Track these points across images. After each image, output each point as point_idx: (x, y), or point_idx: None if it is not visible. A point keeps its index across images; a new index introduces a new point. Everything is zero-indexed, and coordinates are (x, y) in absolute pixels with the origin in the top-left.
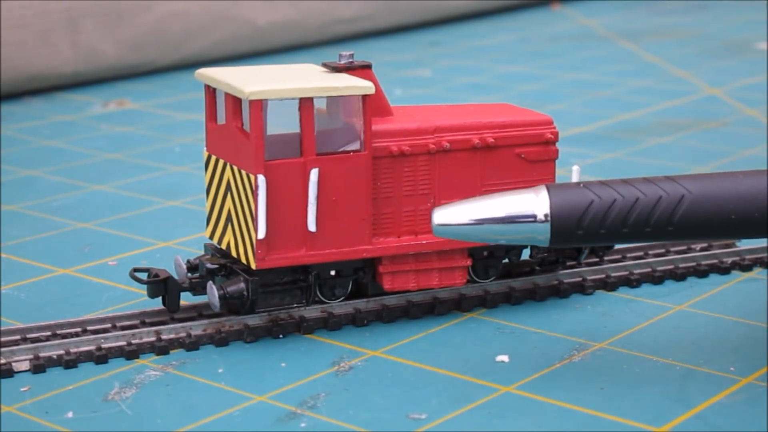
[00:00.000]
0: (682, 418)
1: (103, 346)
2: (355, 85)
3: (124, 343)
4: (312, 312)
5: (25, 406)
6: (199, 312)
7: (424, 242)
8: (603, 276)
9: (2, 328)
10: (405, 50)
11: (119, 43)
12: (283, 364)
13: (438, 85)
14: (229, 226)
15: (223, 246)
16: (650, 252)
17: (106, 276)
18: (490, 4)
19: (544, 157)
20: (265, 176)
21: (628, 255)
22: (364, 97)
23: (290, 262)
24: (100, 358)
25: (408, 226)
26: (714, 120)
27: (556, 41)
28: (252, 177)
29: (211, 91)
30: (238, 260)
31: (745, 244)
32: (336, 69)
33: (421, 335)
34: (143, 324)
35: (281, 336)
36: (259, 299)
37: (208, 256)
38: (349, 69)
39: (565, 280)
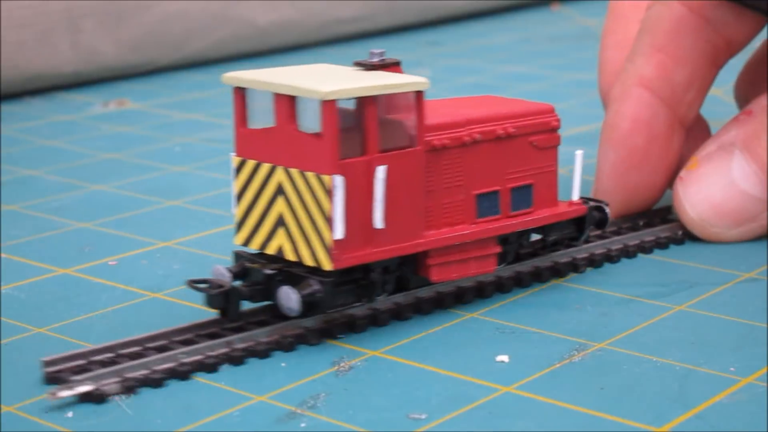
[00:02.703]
0: (682, 418)
1: (185, 361)
2: (413, 81)
3: (201, 356)
4: (355, 310)
5: (24, 406)
6: (232, 319)
7: (467, 232)
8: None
9: (66, 354)
10: (405, 50)
11: (119, 43)
12: (283, 364)
13: (438, 85)
14: (280, 230)
15: (272, 251)
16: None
17: (106, 276)
18: (490, 4)
19: (551, 144)
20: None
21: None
22: (417, 92)
23: (359, 261)
24: (183, 374)
25: (446, 217)
26: (714, 120)
27: (556, 41)
28: (326, 178)
29: (241, 95)
30: (293, 263)
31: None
32: (372, 67)
33: (421, 335)
34: (199, 337)
35: (340, 336)
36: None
37: (261, 263)
38: (383, 66)
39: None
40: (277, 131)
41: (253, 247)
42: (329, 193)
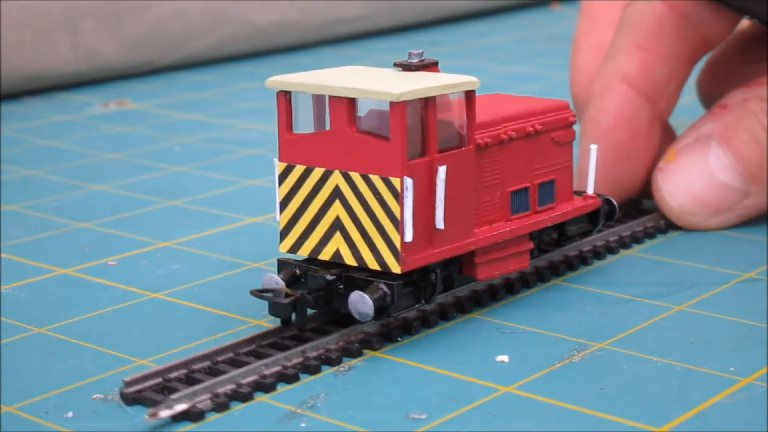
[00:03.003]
0: (682, 418)
1: (266, 373)
2: (467, 80)
3: (280, 367)
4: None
5: (24, 406)
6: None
7: (508, 229)
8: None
9: (144, 373)
10: (405, 50)
11: (119, 42)
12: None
13: None
14: (337, 235)
15: (326, 257)
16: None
17: (106, 276)
18: (490, 4)
19: (568, 139)
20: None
21: None
22: (468, 92)
23: (424, 262)
24: (269, 386)
25: (486, 215)
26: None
27: (556, 41)
28: (395, 180)
29: (286, 100)
30: (351, 268)
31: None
32: (414, 67)
33: (421, 335)
34: (264, 348)
35: (400, 339)
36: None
37: (317, 269)
38: (424, 67)
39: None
40: (333, 134)
41: (302, 254)
42: (398, 195)
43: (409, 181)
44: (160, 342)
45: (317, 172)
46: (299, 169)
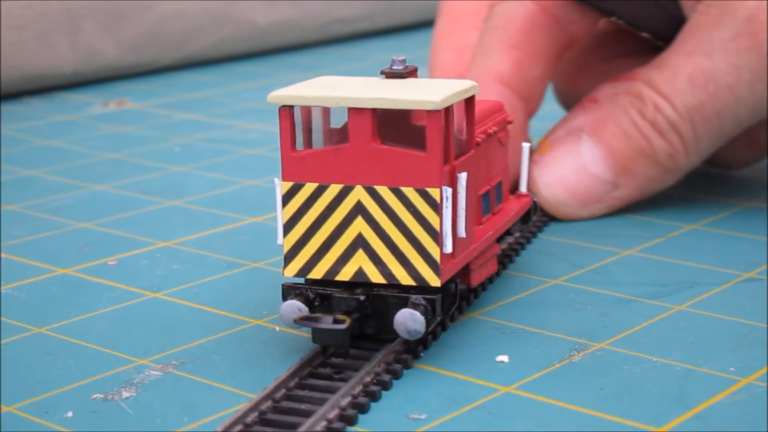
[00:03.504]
0: (681, 418)
1: (343, 403)
2: (472, 85)
3: (350, 398)
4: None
5: (24, 406)
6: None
7: (491, 233)
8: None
9: (235, 418)
10: (405, 50)
11: (119, 42)
12: (283, 365)
13: None
14: (359, 252)
15: (347, 277)
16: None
17: (106, 276)
18: None
19: (507, 140)
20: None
21: None
22: (470, 97)
23: (452, 273)
24: (351, 418)
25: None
26: None
27: None
28: (433, 190)
29: (289, 116)
30: (373, 286)
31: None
32: (400, 75)
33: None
34: (309, 378)
35: (422, 355)
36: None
37: (337, 291)
38: (409, 74)
39: None
40: (353, 148)
41: (314, 276)
42: (437, 205)
43: (448, 191)
44: (159, 342)
45: (333, 189)
46: (309, 188)
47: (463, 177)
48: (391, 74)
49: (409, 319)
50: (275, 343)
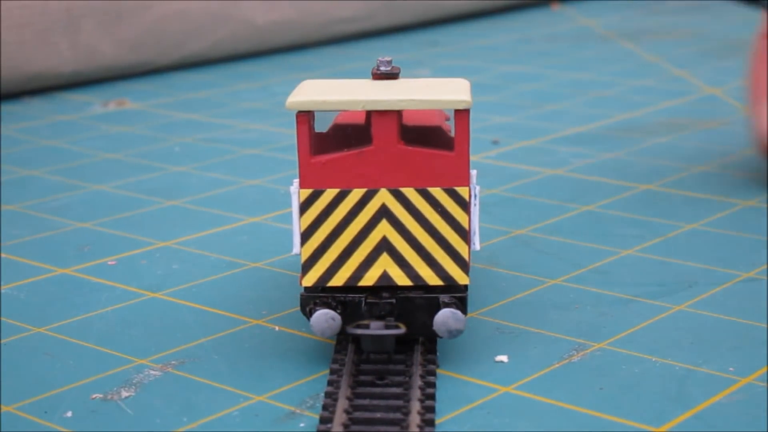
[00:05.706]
0: (681, 418)
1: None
2: (467, 84)
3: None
4: None
5: (24, 405)
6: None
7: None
8: None
9: None
10: (405, 50)
11: (119, 42)
12: (283, 364)
13: None
14: (383, 256)
15: (371, 282)
16: None
17: (106, 276)
18: (490, 4)
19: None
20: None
21: None
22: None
23: (468, 270)
24: (430, 421)
25: None
26: (714, 120)
27: (556, 41)
28: (461, 190)
29: (308, 122)
30: (394, 289)
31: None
32: (392, 75)
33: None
34: (366, 386)
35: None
36: None
37: (363, 296)
38: (395, 75)
39: None
40: (377, 151)
41: (335, 284)
42: (466, 204)
43: (477, 189)
44: (159, 342)
45: (356, 194)
46: (330, 194)
47: (473, 174)
48: (382, 75)
49: (450, 318)
50: (275, 343)
